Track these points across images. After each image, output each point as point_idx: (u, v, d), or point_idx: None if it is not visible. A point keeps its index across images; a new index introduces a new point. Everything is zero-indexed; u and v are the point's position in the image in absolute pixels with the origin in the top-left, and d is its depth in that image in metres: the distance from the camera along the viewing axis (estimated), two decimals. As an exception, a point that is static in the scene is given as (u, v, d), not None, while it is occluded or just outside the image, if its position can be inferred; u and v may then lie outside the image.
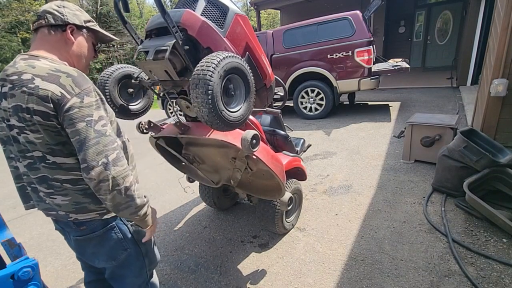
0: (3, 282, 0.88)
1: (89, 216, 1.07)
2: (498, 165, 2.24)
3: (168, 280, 1.96)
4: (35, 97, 0.89)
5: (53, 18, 1.01)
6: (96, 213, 1.07)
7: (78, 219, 1.06)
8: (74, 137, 0.91)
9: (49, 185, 1.01)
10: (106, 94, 1.52)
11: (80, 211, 1.05)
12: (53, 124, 0.92)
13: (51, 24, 1.01)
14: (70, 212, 1.05)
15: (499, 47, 2.52)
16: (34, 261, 0.94)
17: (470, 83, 6.66)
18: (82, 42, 1.09)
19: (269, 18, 27.17)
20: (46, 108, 0.89)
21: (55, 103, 0.90)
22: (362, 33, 4.87)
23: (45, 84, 0.90)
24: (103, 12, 25.21)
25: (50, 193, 1.03)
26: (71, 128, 0.91)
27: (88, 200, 1.05)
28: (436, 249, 1.93)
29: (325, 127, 5.06)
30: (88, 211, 1.06)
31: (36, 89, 0.89)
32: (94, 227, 1.09)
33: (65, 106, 0.90)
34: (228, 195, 2.72)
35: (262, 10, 10.05)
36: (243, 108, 1.32)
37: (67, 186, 1.01)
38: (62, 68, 0.95)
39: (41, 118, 0.90)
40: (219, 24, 1.46)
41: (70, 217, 1.06)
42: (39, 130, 0.92)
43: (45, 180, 1.01)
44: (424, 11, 9.47)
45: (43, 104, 0.89)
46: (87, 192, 1.03)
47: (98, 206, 1.07)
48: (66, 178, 1.00)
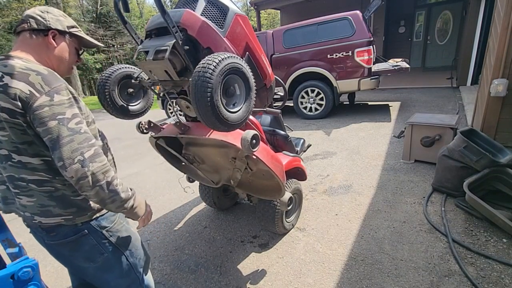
0: (3, 282, 0.88)
1: (54, 220, 1.02)
2: (498, 165, 2.24)
3: (168, 280, 1.96)
4: (3, 95, 0.89)
5: (35, 23, 1.01)
6: (61, 218, 1.03)
7: (43, 222, 1.02)
8: (46, 136, 0.90)
9: (15, 185, 1.00)
10: (106, 94, 1.52)
11: (44, 214, 1.01)
12: (19, 122, 0.91)
13: (33, 29, 1.01)
14: (35, 214, 1.02)
15: (499, 47, 2.52)
16: (34, 261, 0.94)
17: (470, 83, 6.66)
18: (63, 47, 1.09)
19: (269, 18, 27.18)
20: (13, 106, 0.89)
21: (24, 101, 0.89)
22: (362, 33, 4.87)
23: (14, 82, 0.89)
24: (103, 12, 25.21)
25: (16, 193, 1.01)
26: (42, 127, 0.89)
27: (53, 203, 1.01)
28: (436, 249, 1.93)
29: (325, 127, 5.06)
30: (52, 215, 1.02)
31: (4, 87, 0.89)
32: (65, 233, 1.06)
33: (34, 104, 0.89)
34: (228, 195, 2.72)
35: (262, 10, 10.05)
36: (243, 109, 1.32)
37: (32, 187, 0.99)
38: (32, 66, 0.94)
39: (8, 116, 0.89)
40: (219, 24, 1.46)
41: (35, 219, 1.02)
42: (5, 127, 0.91)
43: (12, 179, 0.99)
44: (424, 11, 9.47)
45: (10, 101, 0.89)
46: (53, 195, 1.01)
47: (63, 211, 1.02)
48: (31, 178, 0.98)
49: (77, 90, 17.25)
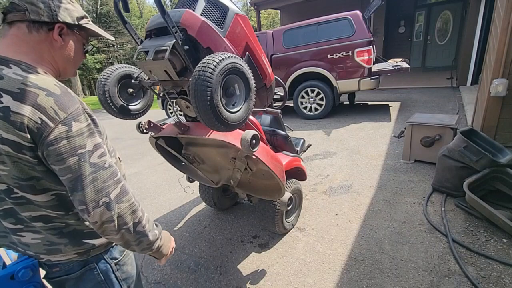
0: (3, 282, 0.88)
1: (65, 257, 0.88)
2: (498, 165, 2.24)
3: (168, 280, 1.96)
4: (3, 122, 0.67)
5: (38, 13, 0.76)
6: (74, 253, 0.88)
7: (51, 260, 0.87)
8: (64, 175, 0.73)
9: (18, 219, 0.81)
10: (106, 94, 1.52)
11: (52, 253, 0.86)
12: (26, 158, 0.71)
13: (34, 20, 0.76)
14: (40, 253, 0.85)
15: (499, 47, 2.52)
16: (34, 261, 0.94)
17: (470, 83, 6.67)
18: (71, 45, 0.86)
19: (269, 18, 27.18)
20: (19, 138, 0.68)
21: (34, 132, 0.69)
22: (362, 33, 4.87)
23: (17, 106, 0.67)
24: (103, 12, 25.21)
25: (18, 229, 0.82)
26: (59, 165, 0.71)
27: (65, 241, 0.85)
28: (436, 249, 1.93)
29: (325, 127, 5.06)
30: (63, 253, 0.86)
31: (5, 111, 0.67)
32: (70, 268, 0.90)
33: (48, 137, 0.69)
34: (228, 195, 2.72)
35: (262, 10, 10.05)
36: (243, 109, 1.32)
37: (38, 225, 0.81)
38: (40, 81, 0.72)
39: (11, 149, 0.69)
40: (219, 24, 1.46)
41: (42, 258, 0.87)
42: (5, 162, 0.71)
43: (12, 214, 0.81)
44: (424, 11, 9.47)
45: (14, 132, 0.68)
46: (63, 231, 0.84)
47: (77, 248, 0.87)
48: (37, 215, 0.80)
49: (77, 90, 17.25)
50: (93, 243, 0.89)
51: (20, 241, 0.84)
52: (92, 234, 0.89)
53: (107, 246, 0.95)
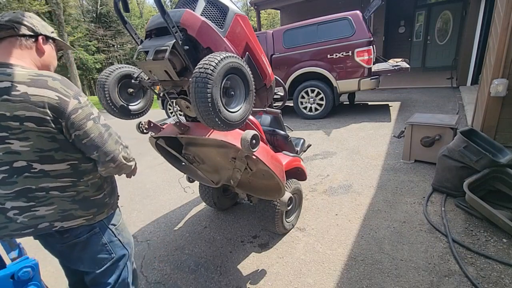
0: (3, 282, 0.88)
1: (76, 222, 1.05)
2: (498, 165, 2.24)
3: (168, 280, 1.96)
4: (25, 104, 0.87)
5: (24, 29, 0.98)
6: (83, 219, 1.07)
7: (64, 227, 1.04)
8: (88, 136, 0.97)
9: (30, 197, 0.96)
10: (106, 94, 1.52)
11: (66, 219, 1.03)
12: (48, 130, 0.91)
13: (23, 34, 0.98)
14: (55, 221, 1.02)
15: (499, 47, 2.52)
16: (34, 261, 0.95)
17: (470, 83, 6.66)
18: (51, 52, 1.10)
19: (269, 18, 27.18)
20: (42, 114, 0.89)
21: (55, 108, 0.90)
22: (362, 33, 4.87)
23: (35, 90, 0.88)
24: (103, 12, 25.21)
25: (31, 206, 0.97)
26: (81, 130, 0.95)
27: (76, 207, 1.04)
28: (436, 249, 1.93)
29: (325, 127, 5.06)
30: (74, 218, 1.05)
31: (24, 96, 0.87)
32: (78, 233, 1.08)
33: (67, 109, 0.92)
34: (228, 195, 2.72)
35: (262, 10, 10.05)
36: (242, 109, 1.32)
37: (54, 194, 0.99)
38: (42, 72, 0.93)
39: (35, 125, 0.89)
40: (219, 24, 1.46)
41: (55, 226, 1.02)
42: (29, 137, 0.90)
43: (25, 193, 0.96)
44: (424, 11, 9.47)
45: (36, 110, 0.88)
46: (75, 199, 1.03)
47: (85, 212, 1.06)
48: (53, 185, 0.98)
49: (77, 90, 17.22)
50: (97, 208, 1.10)
51: (34, 216, 0.98)
52: (95, 200, 1.09)
53: (108, 213, 1.15)
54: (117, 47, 26.17)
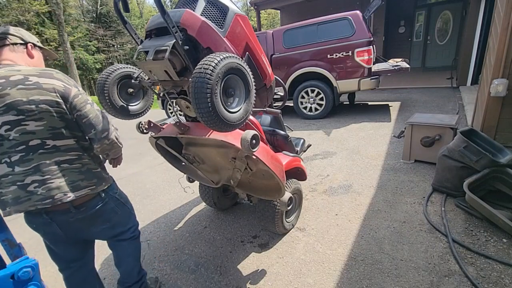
0: (3, 282, 0.88)
1: (82, 192, 1.25)
2: (498, 165, 2.24)
3: (168, 280, 1.96)
4: (39, 90, 1.11)
5: (16, 38, 1.23)
6: (88, 189, 1.27)
7: (75, 198, 1.22)
8: (86, 116, 1.21)
9: (45, 171, 1.17)
10: (106, 94, 1.52)
11: (75, 189, 1.23)
12: (59, 110, 1.15)
13: (14, 43, 1.22)
14: (67, 191, 1.21)
15: (499, 47, 2.52)
16: (34, 261, 0.95)
17: (470, 83, 6.66)
18: (40, 56, 1.35)
19: (269, 18, 27.19)
20: (52, 97, 1.13)
21: (61, 92, 1.15)
22: (362, 33, 4.87)
23: (45, 80, 1.13)
24: (103, 12, 25.22)
25: (47, 179, 1.17)
26: (82, 111, 1.20)
27: (82, 177, 1.26)
28: (436, 249, 1.93)
29: (325, 127, 5.06)
30: (81, 188, 1.25)
31: (37, 84, 1.11)
32: (93, 205, 1.32)
33: (71, 94, 1.18)
34: (228, 195, 2.72)
35: (262, 10, 10.05)
36: (243, 109, 1.32)
37: (64, 167, 1.21)
38: (45, 68, 1.21)
39: (48, 106, 1.13)
40: (219, 24, 1.46)
41: (69, 196, 1.21)
42: (43, 117, 1.13)
43: (41, 167, 1.16)
44: (424, 11, 9.47)
45: (49, 94, 1.13)
46: (81, 170, 1.26)
47: (89, 183, 1.28)
48: (64, 159, 1.21)
49: (77, 90, 17.21)
50: (97, 179, 1.32)
51: (50, 187, 1.17)
52: (95, 173, 1.32)
53: (106, 185, 1.37)
54: (117, 47, 26.17)
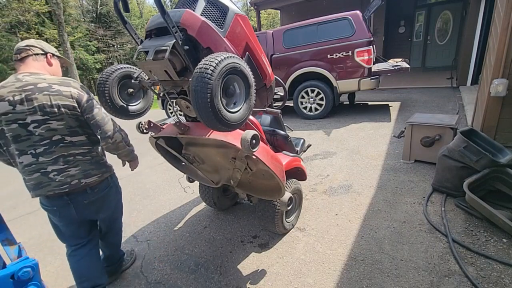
0: (3, 282, 0.88)
1: (92, 179, 1.55)
2: (498, 165, 2.24)
3: (168, 280, 1.96)
4: (61, 96, 1.39)
5: (37, 49, 1.47)
6: (96, 176, 1.57)
7: (87, 182, 1.52)
8: (94, 118, 1.46)
9: (65, 161, 1.45)
10: (106, 94, 1.52)
11: (87, 176, 1.53)
12: (74, 113, 1.43)
13: (36, 53, 1.47)
14: (81, 178, 1.51)
15: (499, 47, 2.52)
16: (34, 261, 0.95)
17: (470, 83, 6.66)
18: (57, 64, 1.60)
19: (269, 18, 27.19)
20: (70, 102, 1.41)
21: (76, 99, 1.43)
22: (362, 33, 4.87)
23: (64, 88, 1.41)
24: (103, 12, 25.21)
25: (65, 168, 1.46)
26: (91, 113, 1.46)
27: (92, 167, 1.55)
28: (436, 249, 1.93)
29: (325, 127, 5.06)
30: (91, 176, 1.55)
31: (59, 92, 1.39)
32: (103, 188, 1.62)
33: (83, 99, 1.45)
34: (228, 195, 2.72)
35: (262, 10, 10.05)
36: (243, 109, 1.32)
37: (79, 158, 1.49)
38: (64, 77, 1.47)
39: (67, 109, 1.40)
40: (219, 24, 1.46)
41: (81, 182, 1.50)
42: (63, 118, 1.40)
43: (61, 158, 1.44)
44: (424, 11, 9.46)
45: (68, 100, 1.41)
46: (91, 161, 1.55)
47: (98, 171, 1.57)
48: (78, 152, 1.49)
49: (77, 90, 17.24)
50: (105, 168, 1.62)
51: (68, 175, 1.47)
52: (103, 163, 1.62)
53: (111, 173, 1.69)
54: (117, 47, 26.17)
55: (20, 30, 20.80)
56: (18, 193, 3.84)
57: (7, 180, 4.45)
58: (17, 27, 20.65)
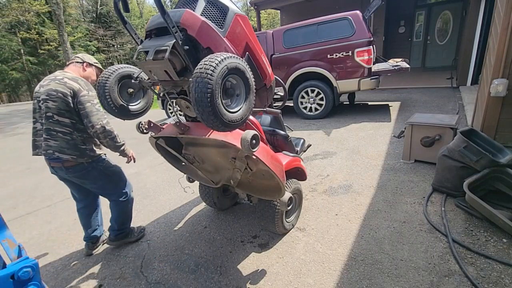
0: (3, 282, 0.88)
1: (65, 157, 1.86)
2: (498, 165, 2.24)
3: (168, 280, 1.96)
4: (62, 85, 1.82)
5: (78, 59, 2.05)
6: (70, 156, 1.86)
7: (60, 158, 1.85)
8: (84, 110, 1.82)
9: (49, 134, 1.84)
10: (106, 94, 1.52)
11: (61, 152, 1.85)
12: (66, 99, 1.81)
13: (77, 61, 2.04)
14: (56, 151, 1.84)
15: (499, 47, 2.52)
16: (34, 261, 0.95)
17: (470, 83, 6.66)
18: (91, 71, 2.10)
19: (269, 18, 27.19)
20: (66, 91, 1.81)
21: (74, 90, 1.82)
22: (362, 33, 4.87)
23: (71, 82, 1.84)
24: (103, 12, 25.21)
25: (48, 138, 1.85)
26: (82, 105, 1.82)
27: (67, 147, 1.85)
28: (436, 249, 1.93)
29: (325, 127, 5.06)
30: (65, 154, 1.85)
31: (64, 82, 1.83)
32: (77, 170, 1.94)
33: (80, 93, 1.83)
34: (228, 195, 2.72)
35: (262, 10, 10.05)
36: (243, 109, 1.32)
37: (59, 136, 1.84)
38: (78, 78, 1.93)
39: (62, 95, 1.80)
40: (219, 24, 1.46)
41: (55, 155, 1.84)
42: (56, 101, 1.80)
43: (48, 130, 1.84)
44: (424, 11, 9.47)
45: (66, 89, 1.81)
46: (69, 142, 1.86)
47: (72, 152, 1.86)
48: (60, 130, 1.84)
49: (77, 90, 17.25)
50: (79, 153, 1.89)
51: (48, 144, 1.85)
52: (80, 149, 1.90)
53: (89, 159, 1.95)
54: (117, 47, 26.16)
55: (20, 30, 20.81)
56: (18, 193, 3.85)
57: (7, 180, 4.45)
58: (17, 27, 20.65)
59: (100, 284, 1.99)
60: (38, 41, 21.66)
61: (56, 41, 20.58)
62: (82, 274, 2.12)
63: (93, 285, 1.99)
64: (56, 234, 2.71)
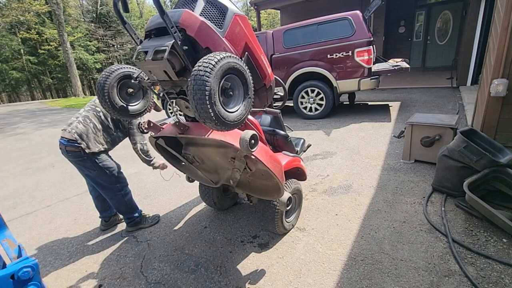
0: (3, 282, 0.88)
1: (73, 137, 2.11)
2: (498, 165, 2.24)
3: (168, 280, 1.96)
4: None
5: None
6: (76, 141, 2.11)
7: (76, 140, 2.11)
8: (132, 129, 2.34)
9: (84, 119, 2.19)
10: (106, 94, 1.52)
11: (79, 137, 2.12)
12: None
13: None
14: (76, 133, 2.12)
15: (499, 47, 2.52)
16: (34, 261, 0.95)
17: (470, 83, 6.66)
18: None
19: (269, 18, 27.19)
20: None
21: None
22: (362, 33, 4.87)
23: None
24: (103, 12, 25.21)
25: (80, 121, 2.18)
26: (132, 126, 2.34)
27: (85, 135, 2.15)
28: (436, 249, 1.93)
29: (325, 127, 5.06)
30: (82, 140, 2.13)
31: None
32: (75, 156, 2.17)
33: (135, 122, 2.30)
34: (228, 195, 2.72)
35: (262, 10, 10.05)
36: (241, 109, 1.32)
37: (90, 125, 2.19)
38: None
39: None
40: (218, 24, 1.46)
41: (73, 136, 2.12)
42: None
43: (85, 117, 2.21)
44: (424, 11, 9.46)
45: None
46: (88, 134, 2.16)
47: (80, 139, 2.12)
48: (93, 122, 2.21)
49: (77, 90, 17.25)
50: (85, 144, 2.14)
51: (77, 126, 2.15)
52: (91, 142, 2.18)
53: (90, 151, 2.16)
54: (117, 47, 26.19)
55: (20, 30, 20.82)
56: (18, 193, 3.85)
57: (7, 180, 4.45)
58: (17, 27, 20.67)
59: (100, 284, 1.99)
60: (38, 41, 21.68)
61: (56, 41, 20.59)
62: (82, 274, 2.12)
63: (93, 285, 2.00)
64: (56, 234, 2.71)
